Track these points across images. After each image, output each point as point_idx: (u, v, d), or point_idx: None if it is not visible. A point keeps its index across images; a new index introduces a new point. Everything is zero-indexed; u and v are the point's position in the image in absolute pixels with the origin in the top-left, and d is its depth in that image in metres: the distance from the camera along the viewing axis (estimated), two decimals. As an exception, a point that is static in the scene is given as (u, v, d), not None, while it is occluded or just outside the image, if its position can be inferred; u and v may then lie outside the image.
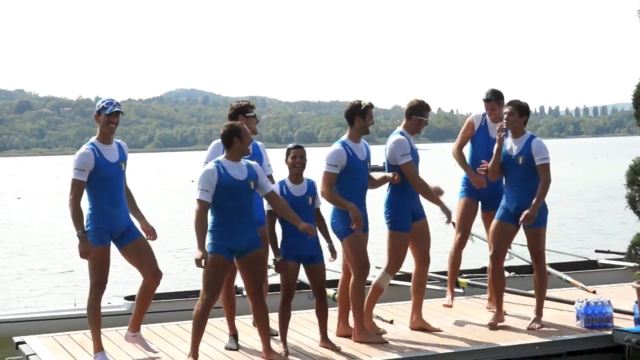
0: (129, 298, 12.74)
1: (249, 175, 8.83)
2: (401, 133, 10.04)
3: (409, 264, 10.46)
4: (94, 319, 9.23)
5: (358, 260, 9.60)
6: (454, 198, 11.07)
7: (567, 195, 40.96)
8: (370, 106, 9.71)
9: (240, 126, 8.90)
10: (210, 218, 8.81)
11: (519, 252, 15.10)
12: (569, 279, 12.89)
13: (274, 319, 9.64)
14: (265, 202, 9.21)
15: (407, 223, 9.95)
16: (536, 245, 10.37)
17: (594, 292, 12.01)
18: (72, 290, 18.55)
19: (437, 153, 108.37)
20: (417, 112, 10.08)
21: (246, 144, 8.86)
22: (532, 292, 11.58)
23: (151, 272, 9.29)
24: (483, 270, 13.79)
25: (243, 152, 8.89)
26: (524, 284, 12.95)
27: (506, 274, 13.53)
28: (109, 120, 9.11)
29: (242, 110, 9.80)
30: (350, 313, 9.88)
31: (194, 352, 8.95)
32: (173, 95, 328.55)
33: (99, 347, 9.29)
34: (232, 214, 8.74)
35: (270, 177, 9.75)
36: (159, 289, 9.95)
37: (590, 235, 24.56)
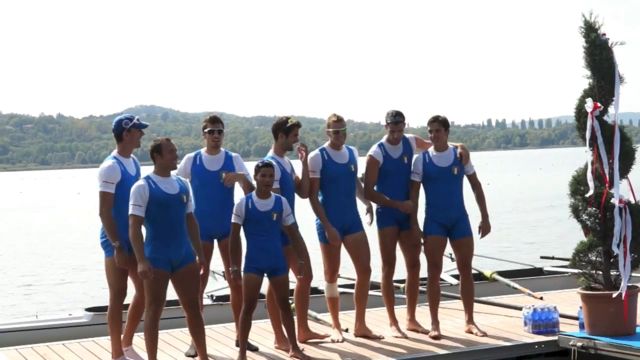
0: (91, 310, 12.55)
1: (181, 189, 8.81)
2: (321, 149, 10.14)
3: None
4: (114, 324, 9.28)
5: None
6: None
7: (513, 205, 41.22)
8: (296, 125, 9.79)
9: (161, 142, 8.84)
10: (146, 233, 8.77)
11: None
12: (516, 286, 12.95)
13: (230, 328, 9.57)
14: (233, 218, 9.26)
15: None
16: (469, 255, 10.52)
17: (541, 298, 12.07)
18: (33, 301, 18.35)
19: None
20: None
21: (167, 159, 8.78)
22: (486, 298, 11.70)
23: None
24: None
25: (167, 167, 8.82)
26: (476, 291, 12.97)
27: (455, 281, 13.61)
28: (141, 135, 9.36)
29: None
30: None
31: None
32: (133, 111, 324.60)
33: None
34: (166, 228, 8.69)
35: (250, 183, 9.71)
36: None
37: (535, 244, 24.72)
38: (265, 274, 9.34)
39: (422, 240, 10.33)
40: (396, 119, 10.22)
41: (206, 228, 9.41)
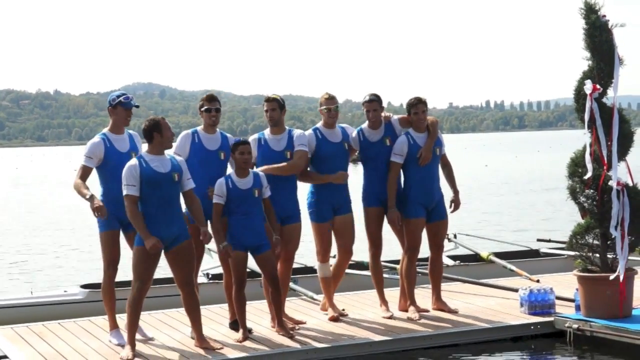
0: (86, 286, 12.55)
1: (173, 168, 8.82)
2: (314, 129, 10.18)
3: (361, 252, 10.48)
4: (108, 298, 9.50)
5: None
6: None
7: (510, 187, 41.21)
8: (266, 100, 9.94)
9: (160, 121, 8.87)
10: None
11: (463, 241, 15.18)
12: (513, 268, 12.94)
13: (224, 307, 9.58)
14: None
15: (322, 215, 10.08)
16: (444, 237, 10.74)
17: (538, 281, 12.08)
18: (27, 278, 18.34)
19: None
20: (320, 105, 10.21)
21: (166, 138, 8.82)
22: (483, 280, 11.74)
23: None
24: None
25: (164, 146, 8.85)
26: (469, 272, 13.01)
27: (451, 262, 13.64)
28: (128, 114, 9.46)
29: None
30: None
31: (132, 341, 8.94)
32: (131, 88, 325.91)
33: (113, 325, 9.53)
34: (157, 206, 8.72)
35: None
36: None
37: (532, 226, 24.70)
38: (249, 252, 9.38)
39: (399, 223, 10.28)
40: (370, 98, 10.25)
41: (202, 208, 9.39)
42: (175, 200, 8.87)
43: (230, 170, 9.64)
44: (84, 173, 9.27)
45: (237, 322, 9.65)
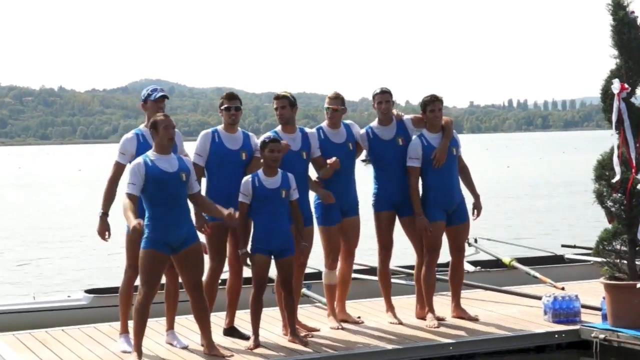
0: (90, 292, 12.57)
1: (180, 167, 8.85)
2: (318, 128, 10.16)
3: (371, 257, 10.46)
4: (124, 300, 9.50)
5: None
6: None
7: (534, 189, 41.14)
8: (275, 97, 9.88)
9: (157, 120, 8.90)
10: (146, 214, 8.81)
11: (484, 246, 15.15)
12: (537, 274, 12.85)
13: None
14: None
15: (330, 217, 10.04)
16: (463, 241, 10.69)
17: (563, 288, 12.04)
18: (30, 282, 18.40)
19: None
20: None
21: (162, 136, 8.82)
22: (505, 287, 11.72)
23: None
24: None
25: (163, 143, 8.84)
26: (490, 279, 12.98)
27: (471, 268, 13.61)
28: (157, 107, 9.42)
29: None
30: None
31: (138, 348, 8.92)
32: (138, 85, 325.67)
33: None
34: (165, 207, 8.74)
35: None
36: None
37: (557, 231, 24.66)
38: (272, 256, 9.36)
39: (429, 229, 10.20)
40: (382, 89, 10.23)
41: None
42: (183, 201, 8.89)
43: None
44: (117, 170, 9.39)
45: (234, 328, 9.71)
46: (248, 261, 9.38)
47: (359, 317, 10.58)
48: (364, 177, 10.87)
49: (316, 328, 10.20)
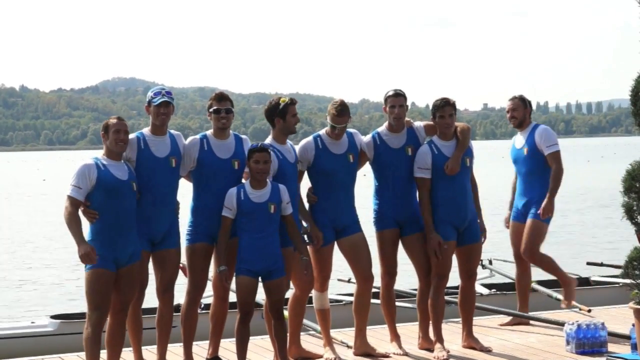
0: (57, 317, 12.56)
1: (130, 176, 8.95)
2: (315, 137, 10.12)
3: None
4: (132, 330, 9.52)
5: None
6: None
7: (557, 203, 41.16)
8: (290, 103, 9.71)
9: (108, 123, 9.00)
10: (91, 226, 8.85)
11: (500, 268, 15.17)
12: (560, 297, 12.74)
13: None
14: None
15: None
16: (477, 264, 10.76)
17: (589, 310, 12.03)
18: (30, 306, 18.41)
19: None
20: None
21: (112, 140, 8.90)
22: (520, 312, 11.71)
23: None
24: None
25: (111, 150, 8.91)
26: (507, 303, 12.97)
27: (486, 291, 13.62)
28: (159, 112, 9.36)
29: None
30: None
31: None
32: (110, 84, 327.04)
33: None
34: (114, 218, 8.79)
35: None
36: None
37: (582, 247, 24.72)
38: (260, 277, 9.35)
39: (440, 250, 10.16)
40: (396, 91, 10.17)
41: (209, 227, 9.40)
42: (132, 214, 8.96)
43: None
44: (72, 206, 9.27)
45: (217, 358, 9.71)
46: (228, 282, 9.37)
47: (348, 346, 10.50)
48: (361, 192, 10.83)
49: (319, 354, 10.16)
